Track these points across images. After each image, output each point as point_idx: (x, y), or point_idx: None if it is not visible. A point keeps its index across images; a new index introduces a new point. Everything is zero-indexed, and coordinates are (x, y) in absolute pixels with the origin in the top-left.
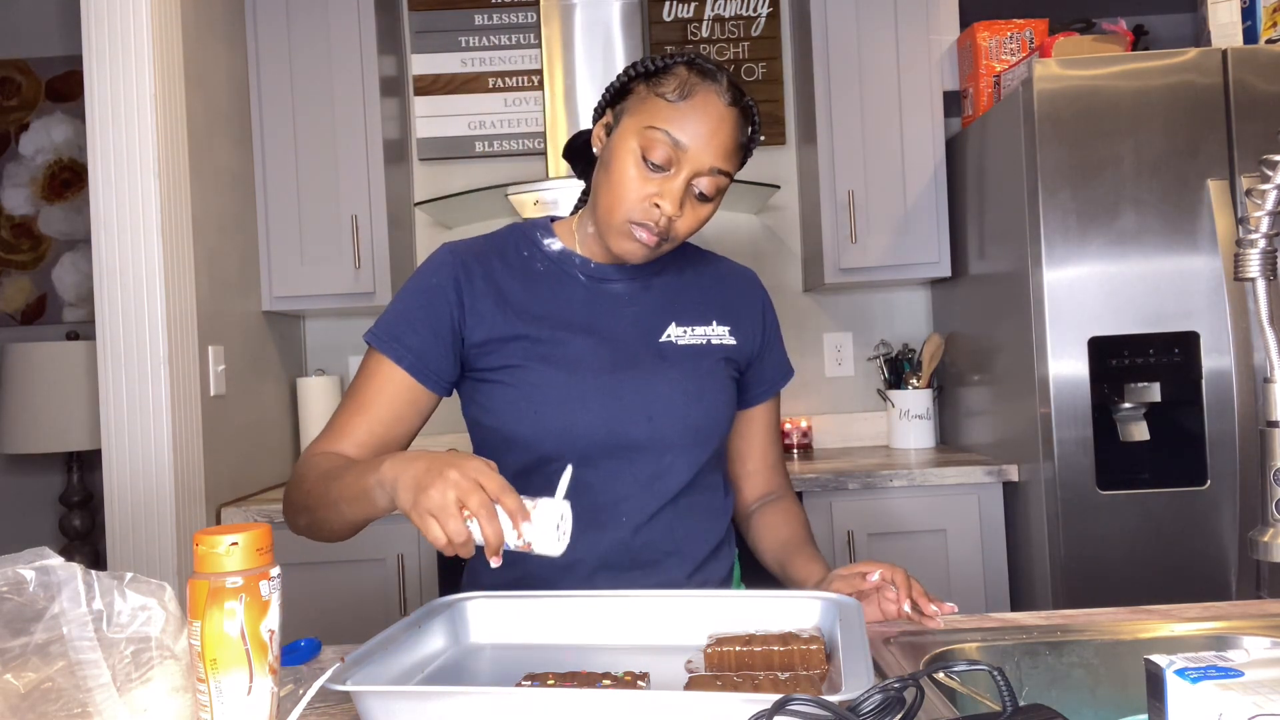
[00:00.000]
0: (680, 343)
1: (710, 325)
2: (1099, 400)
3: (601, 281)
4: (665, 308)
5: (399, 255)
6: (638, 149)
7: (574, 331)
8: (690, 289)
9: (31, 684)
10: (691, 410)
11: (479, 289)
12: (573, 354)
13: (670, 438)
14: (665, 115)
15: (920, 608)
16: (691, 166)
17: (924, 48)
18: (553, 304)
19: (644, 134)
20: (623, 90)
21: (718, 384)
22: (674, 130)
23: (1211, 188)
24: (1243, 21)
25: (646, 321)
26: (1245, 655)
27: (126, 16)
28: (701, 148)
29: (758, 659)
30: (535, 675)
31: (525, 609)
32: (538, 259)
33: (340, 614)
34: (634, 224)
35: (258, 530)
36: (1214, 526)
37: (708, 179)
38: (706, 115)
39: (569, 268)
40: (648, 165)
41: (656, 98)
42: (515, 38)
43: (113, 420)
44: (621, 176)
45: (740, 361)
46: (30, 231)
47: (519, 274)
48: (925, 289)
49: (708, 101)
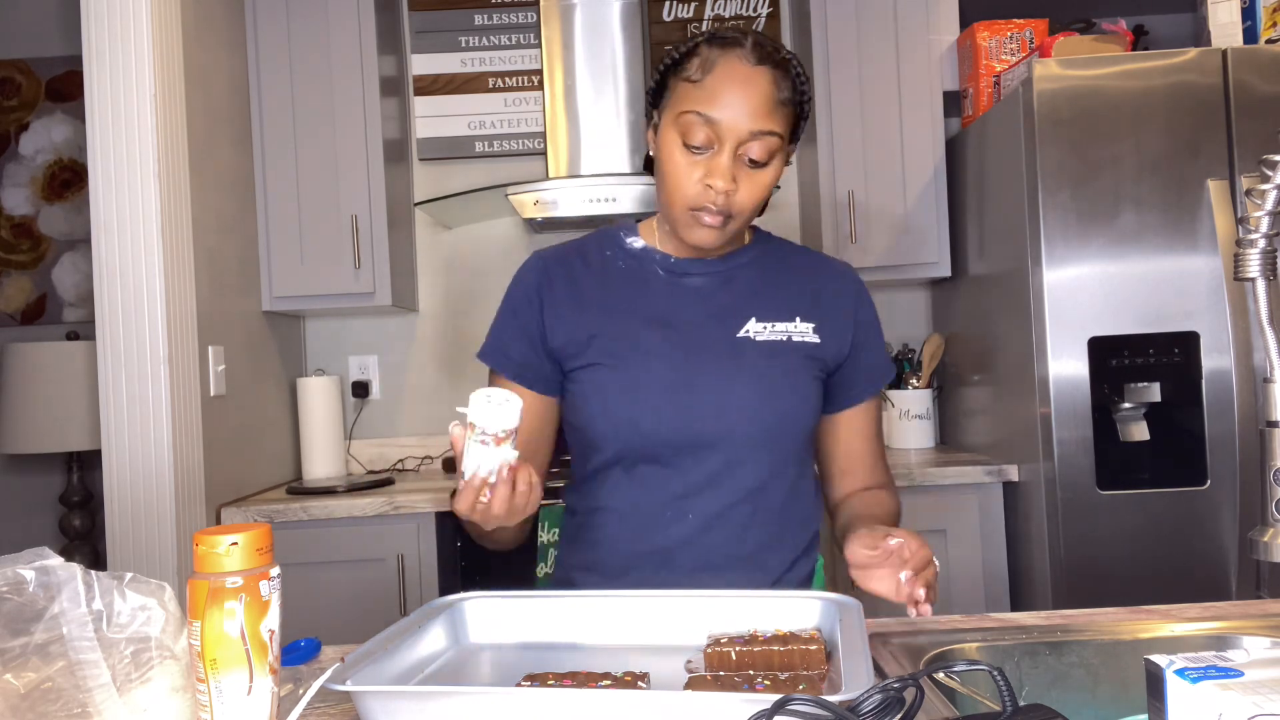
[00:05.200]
0: (759, 339)
1: (793, 322)
2: (1099, 400)
3: (681, 275)
4: (746, 302)
5: (399, 255)
6: (678, 138)
7: (649, 326)
8: (774, 283)
9: (31, 684)
10: (765, 408)
11: (560, 294)
12: (645, 348)
13: (741, 435)
14: (694, 97)
15: (913, 594)
16: (732, 138)
17: (924, 48)
18: (630, 300)
19: (679, 121)
20: (659, 88)
21: (796, 383)
22: (704, 108)
23: (1211, 188)
24: (1243, 21)
25: (725, 315)
26: (1245, 655)
27: (126, 17)
28: (735, 116)
29: (758, 659)
30: (535, 675)
31: (525, 609)
32: (620, 257)
33: (340, 614)
34: (694, 210)
35: (257, 530)
36: (1214, 527)
37: (754, 144)
38: (732, 83)
39: (649, 264)
40: (691, 150)
41: (684, 83)
42: (515, 38)
43: (113, 420)
44: (671, 168)
45: (827, 361)
46: (30, 231)
47: (599, 274)
48: (925, 289)
49: (730, 70)
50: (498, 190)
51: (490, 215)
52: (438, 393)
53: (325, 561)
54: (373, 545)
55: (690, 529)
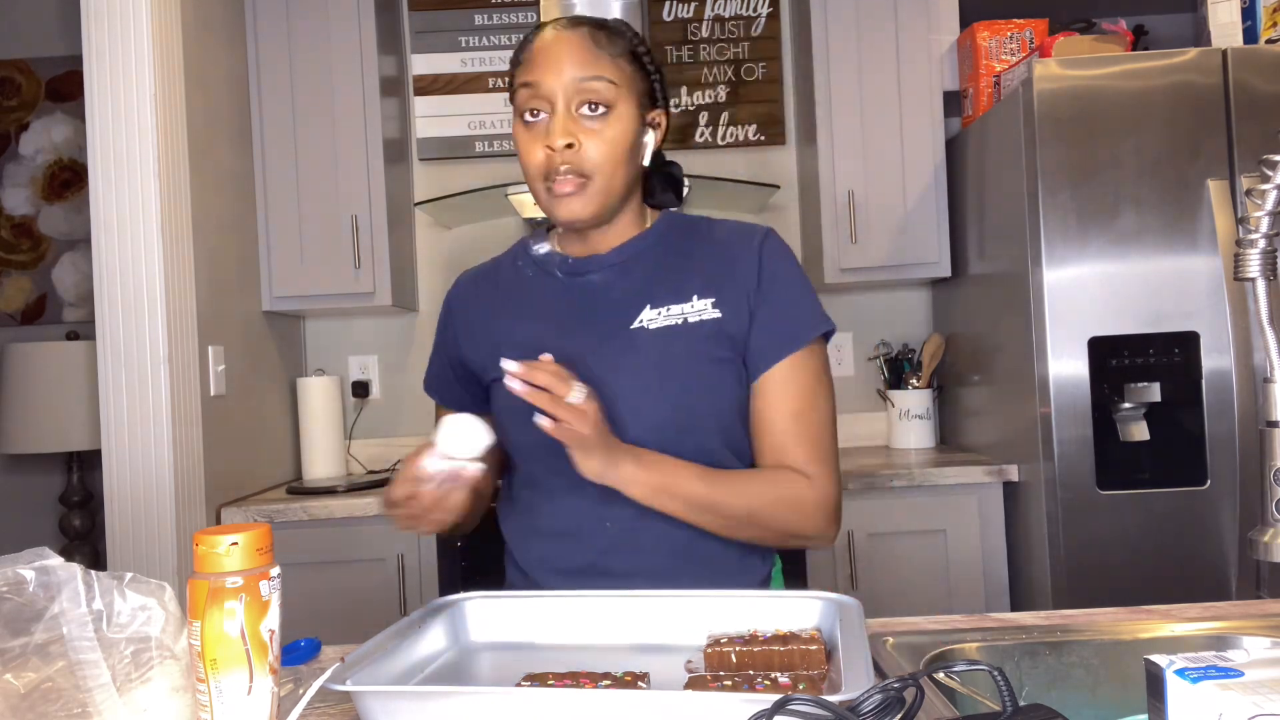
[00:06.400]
0: (652, 326)
1: (689, 302)
2: (1099, 400)
3: (579, 275)
4: (641, 291)
5: (399, 255)
6: (518, 118)
7: (547, 331)
8: (673, 265)
9: (31, 684)
10: (660, 404)
11: (472, 314)
12: (541, 354)
13: (641, 436)
14: (521, 73)
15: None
16: (560, 95)
17: (924, 48)
18: (533, 309)
19: (515, 102)
20: (510, 89)
21: (693, 368)
22: (529, 77)
23: (1211, 188)
24: (1243, 21)
25: (620, 308)
26: (1245, 655)
27: (126, 16)
28: (556, 73)
29: (758, 659)
30: (535, 675)
31: (525, 609)
32: (527, 266)
33: (340, 614)
34: (548, 182)
35: (258, 530)
36: (1214, 526)
37: (583, 93)
38: (546, 47)
39: (550, 268)
40: (529, 125)
41: (516, 69)
42: (515, 37)
43: (113, 420)
44: (518, 148)
45: (733, 334)
46: (30, 231)
47: (508, 287)
48: (925, 289)
49: (545, 38)
50: (498, 190)
51: (490, 215)
52: None
53: (325, 561)
54: (373, 545)
55: (613, 538)
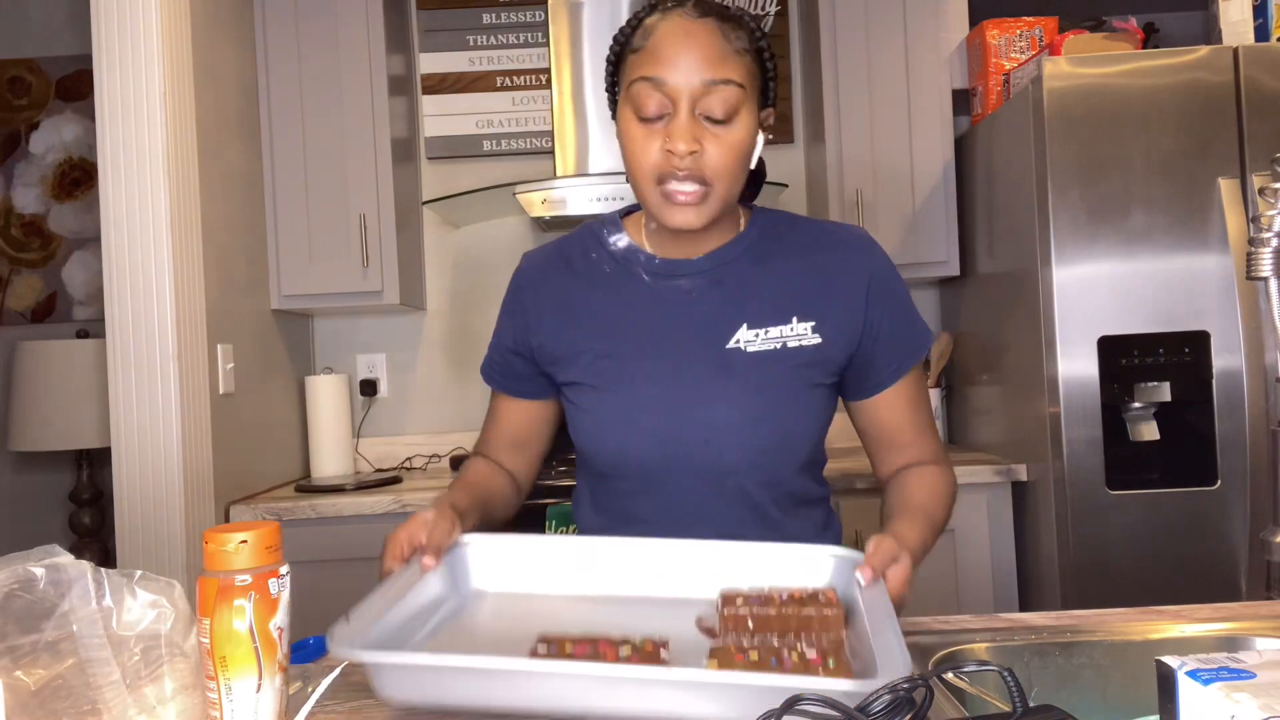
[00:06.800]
0: (749, 349)
1: (789, 324)
2: (1109, 400)
3: (667, 278)
4: (736, 305)
5: (407, 254)
6: (632, 112)
7: (636, 341)
8: (769, 279)
9: (42, 681)
10: (757, 433)
11: (545, 304)
12: (631, 369)
13: (731, 463)
14: (641, 64)
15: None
16: (686, 96)
17: (933, 46)
18: (617, 311)
19: (631, 94)
20: (614, 70)
21: (791, 397)
22: (651, 72)
23: (1222, 186)
24: (1254, 19)
25: (714, 323)
26: (1257, 657)
27: (136, 16)
28: (683, 71)
29: (774, 623)
30: (549, 639)
31: (527, 552)
32: (605, 260)
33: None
34: (664, 185)
35: (267, 528)
36: (1224, 527)
37: (711, 98)
38: (674, 41)
39: (634, 266)
40: (647, 122)
41: (631, 55)
42: (523, 36)
43: (122, 418)
44: (629, 143)
45: (832, 362)
46: (40, 230)
47: (585, 280)
48: (934, 288)
49: (671, 29)
50: (506, 189)
51: (498, 214)
52: (446, 391)
53: (334, 559)
54: (381, 543)
55: None
